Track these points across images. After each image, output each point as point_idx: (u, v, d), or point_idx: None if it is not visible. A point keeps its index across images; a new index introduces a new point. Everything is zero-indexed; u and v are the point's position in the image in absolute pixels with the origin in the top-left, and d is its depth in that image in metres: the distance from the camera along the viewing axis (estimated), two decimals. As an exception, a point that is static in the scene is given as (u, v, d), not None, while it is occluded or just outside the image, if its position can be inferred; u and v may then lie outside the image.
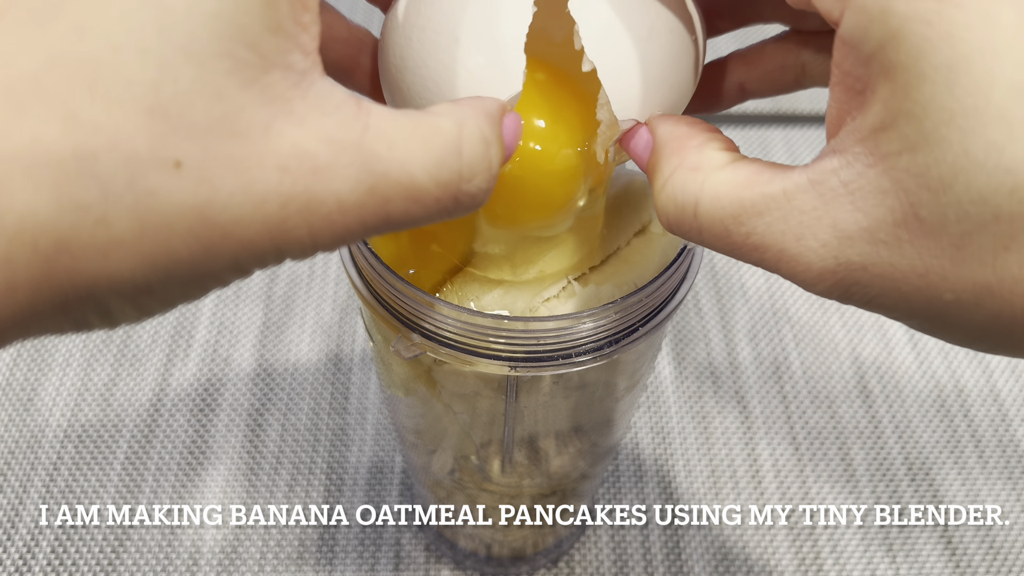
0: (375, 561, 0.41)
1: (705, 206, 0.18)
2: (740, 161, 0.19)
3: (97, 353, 0.48)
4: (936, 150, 0.15)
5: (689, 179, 0.19)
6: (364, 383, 0.47)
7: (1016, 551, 0.42)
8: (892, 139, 0.15)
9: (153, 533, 0.41)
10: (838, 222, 0.16)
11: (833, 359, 0.49)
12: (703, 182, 0.19)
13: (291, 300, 0.50)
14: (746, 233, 0.18)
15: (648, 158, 0.21)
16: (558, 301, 0.25)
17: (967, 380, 0.48)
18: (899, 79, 0.15)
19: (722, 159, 0.19)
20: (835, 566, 0.41)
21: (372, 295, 0.26)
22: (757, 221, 0.17)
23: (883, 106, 0.15)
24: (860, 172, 0.16)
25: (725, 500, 0.43)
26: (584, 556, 0.42)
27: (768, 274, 0.53)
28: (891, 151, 0.15)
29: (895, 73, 0.15)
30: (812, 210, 0.17)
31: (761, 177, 0.18)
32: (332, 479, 0.43)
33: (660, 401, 0.47)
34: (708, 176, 0.19)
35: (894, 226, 0.16)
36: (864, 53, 0.16)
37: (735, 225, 0.18)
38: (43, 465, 0.43)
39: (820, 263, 0.17)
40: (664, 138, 0.20)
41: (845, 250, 0.16)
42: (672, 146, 0.20)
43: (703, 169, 0.19)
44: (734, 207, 0.18)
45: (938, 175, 0.15)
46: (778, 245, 0.17)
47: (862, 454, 0.45)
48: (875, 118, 0.16)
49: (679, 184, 0.19)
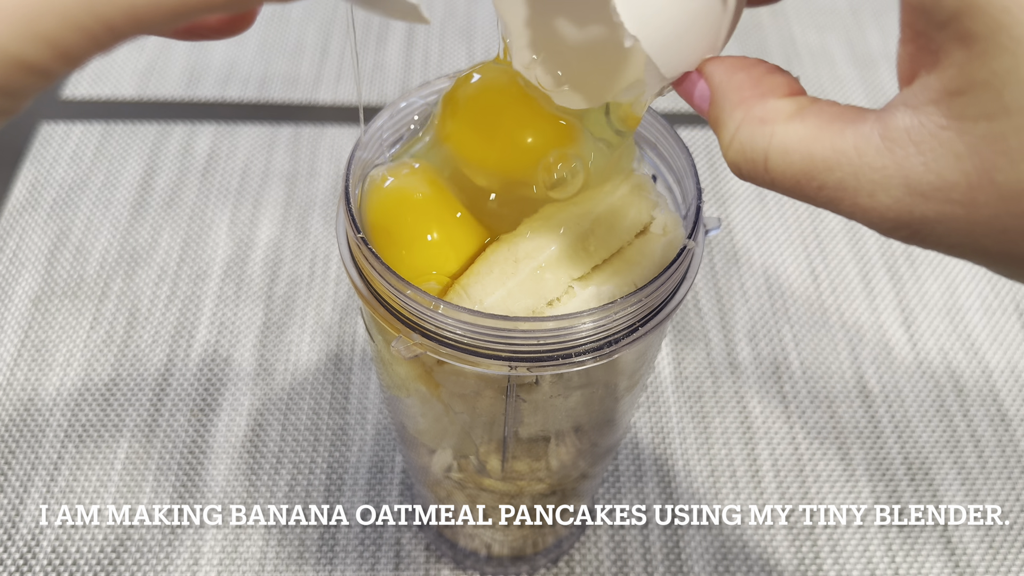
0: (375, 561, 0.41)
1: (775, 160, 0.18)
2: (807, 108, 0.18)
3: (98, 353, 0.48)
4: (1015, 119, 0.15)
5: (757, 133, 0.19)
6: (364, 383, 0.47)
7: (1016, 551, 0.42)
8: (968, 104, 0.15)
9: (153, 533, 0.41)
10: (911, 180, 0.16)
11: (832, 359, 0.49)
12: (771, 136, 0.18)
13: (291, 300, 0.50)
14: (818, 187, 0.18)
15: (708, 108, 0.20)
16: (560, 304, 0.25)
17: (966, 380, 0.48)
18: (975, 48, 0.15)
19: (788, 108, 0.18)
20: (835, 566, 0.41)
21: (373, 295, 0.26)
22: (828, 176, 0.17)
23: (959, 71, 0.15)
24: (933, 133, 0.16)
25: (725, 500, 0.43)
26: (584, 556, 0.42)
27: (767, 274, 0.53)
28: (967, 116, 0.16)
29: (972, 41, 0.15)
30: (883, 168, 0.17)
31: (831, 129, 0.18)
32: (332, 479, 0.43)
33: (660, 401, 0.47)
34: (776, 128, 0.18)
35: (969, 188, 0.16)
36: (938, 19, 0.16)
37: (806, 180, 0.18)
38: (44, 465, 0.43)
39: (894, 216, 0.17)
40: (722, 89, 0.20)
41: (919, 206, 0.17)
42: (733, 98, 0.19)
43: (770, 121, 0.18)
44: (804, 162, 0.18)
45: (1017, 144, 0.15)
46: (851, 199, 0.17)
47: (861, 454, 0.45)
48: (951, 82, 0.16)
49: (747, 139, 0.19)
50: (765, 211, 0.56)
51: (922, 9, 0.16)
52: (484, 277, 0.25)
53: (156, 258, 0.52)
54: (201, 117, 0.60)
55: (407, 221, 0.26)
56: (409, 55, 0.65)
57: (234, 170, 0.57)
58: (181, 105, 0.61)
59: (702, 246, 0.27)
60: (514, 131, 0.26)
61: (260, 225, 0.54)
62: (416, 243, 0.26)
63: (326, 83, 0.63)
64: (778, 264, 0.53)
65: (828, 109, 0.18)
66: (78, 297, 0.50)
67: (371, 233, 0.27)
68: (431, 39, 0.66)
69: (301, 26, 0.67)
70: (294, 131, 0.59)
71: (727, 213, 0.56)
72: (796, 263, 0.53)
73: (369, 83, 0.63)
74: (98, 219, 0.54)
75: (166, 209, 0.55)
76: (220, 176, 0.57)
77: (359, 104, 0.60)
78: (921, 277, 0.53)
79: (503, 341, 0.24)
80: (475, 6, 0.69)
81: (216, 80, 0.63)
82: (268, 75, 0.63)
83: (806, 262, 0.53)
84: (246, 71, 0.63)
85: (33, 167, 0.56)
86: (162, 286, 0.51)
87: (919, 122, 0.16)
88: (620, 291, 0.25)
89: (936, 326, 0.50)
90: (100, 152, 0.58)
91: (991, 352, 0.49)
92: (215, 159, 0.58)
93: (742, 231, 0.55)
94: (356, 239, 0.25)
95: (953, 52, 0.16)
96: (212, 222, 0.54)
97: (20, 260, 0.52)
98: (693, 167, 0.27)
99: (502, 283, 0.25)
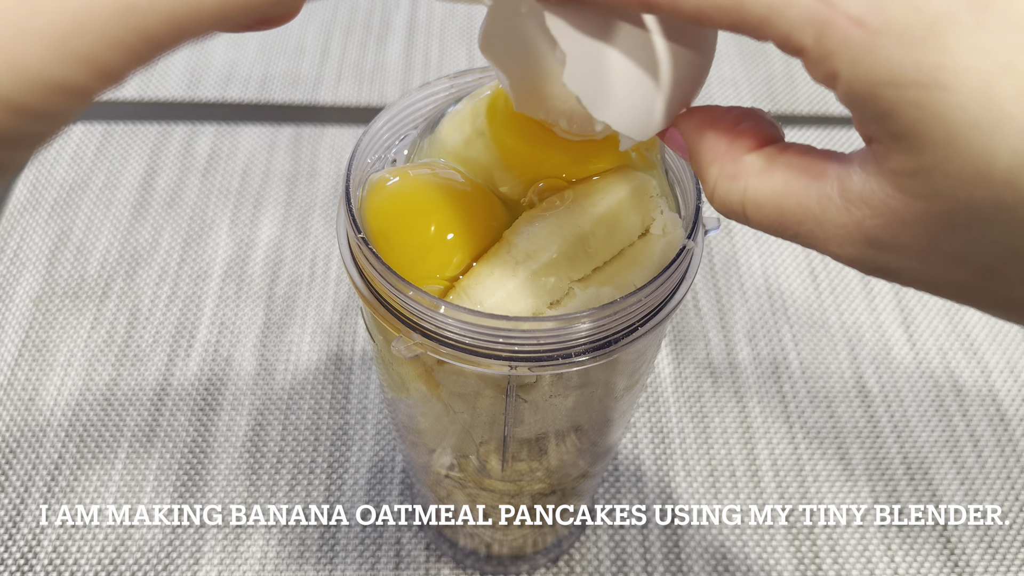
0: (375, 560, 0.41)
1: (751, 211, 0.20)
2: (775, 161, 0.20)
3: (99, 353, 0.48)
4: (948, 203, 0.16)
5: (731, 188, 0.20)
6: (365, 383, 0.47)
7: (1015, 551, 0.42)
8: (909, 184, 0.17)
9: (154, 533, 0.41)
10: (870, 237, 0.18)
11: (832, 359, 0.49)
12: (744, 191, 0.20)
13: (292, 300, 0.50)
14: (792, 235, 0.19)
15: (690, 161, 0.22)
16: (560, 305, 0.25)
17: (965, 380, 0.48)
18: (903, 143, 0.16)
19: (757, 163, 0.20)
20: (834, 566, 0.42)
21: (373, 295, 0.26)
22: (799, 228, 0.19)
23: (895, 158, 0.17)
24: (883, 200, 0.17)
25: (724, 500, 0.44)
26: (584, 555, 0.42)
27: (767, 275, 0.53)
28: (909, 192, 0.17)
29: (900, 139, 0.16)
30: (844, 225, 0.18)
31: (797, 186, 0.19)
32: (332, 479, 0.44)
33: (659, 401, 0.47)
34: (748, 183, 0.20)
35: (920, 251, 0.17)
36: (870, 115, 0.17)
37: (781, 228, 0.19)
38: (44, 465, 0.43)
39: (861, 263, 0.19)
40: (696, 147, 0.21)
41: (881, 256, 0.18)
42: (707, 155, 0.21)
43: (742, 177, 0.20)
44: (776, 215, 0.19)
45: (957, 221, 0.16)
46: (821, 246, 0.19)
47: (861, 454, 0.45)
48: (893, 163, 0.17)
49: (724, 193, 0.20)
50: (765, 212, 0.56)
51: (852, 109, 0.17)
52: (484, 279, 0.25)
53: (157, 258, 0.52)
54: (202, 117, 0.60)
55: (406, 225, 0.26)
56: (409, 56, 0.65)
57: (235, 170, 0.57)
58: (182, 105, 0.61)
59: (701, 246, 0.27)
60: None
61: (261, 225, 0.54)
62: (415, 247, 0.26)
63: (327, 83, 0.63)
64: (777, 264, 0.53)
65: (795, 162, 0.19)
66: (79, 297, 0.50)
67: (371, 236, 0.27)
68: (431, 40, 0.66)
69: (302, 27, 0.67)
70: (295, 131, 0.59)
71: (727, 213, 0.56)
72: (795, 263, 0.53)
73: (369, 83, 0.63)
74: (99, 219, 0.54)
75: (167, 209, 0.55)
76: (221, 176, 0.57)
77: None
78: (920, 277, 0.53)
79: (503, 341, 0.24)
80: (475, 7, 0.69)
81: (217, 81, 0.63)
82: (269, 76, 0.63)
83: (805, 262, 0.53)
84: (247, 72, 0.63)
85: (34, 167, 0.56)
86: (163, 286, 0.51)
87: (871, 188, 0.17)
88: (620, 292, 0.25)
89: (935, 326, 0.51)
90: (101, 152, 0.58)
91: (990, 352, 0.49)
92: (216, 159, 0.58)
93: (741, 231, 0.55)
94: (357, 239, 0.25)
95: (886, 142, 0.17)
96: (213, 222, 0.54)
97: (21, 260, 0.52)
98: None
99: (502, 285, 0.25)
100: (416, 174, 0.28)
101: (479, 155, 0.28)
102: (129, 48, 0.15)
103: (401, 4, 0.69)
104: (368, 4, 0.69)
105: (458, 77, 0.30)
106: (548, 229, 0.26)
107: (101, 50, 0.15)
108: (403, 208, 0.27)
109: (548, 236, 0.26)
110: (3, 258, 0.52)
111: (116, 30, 0.15)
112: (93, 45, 0.15)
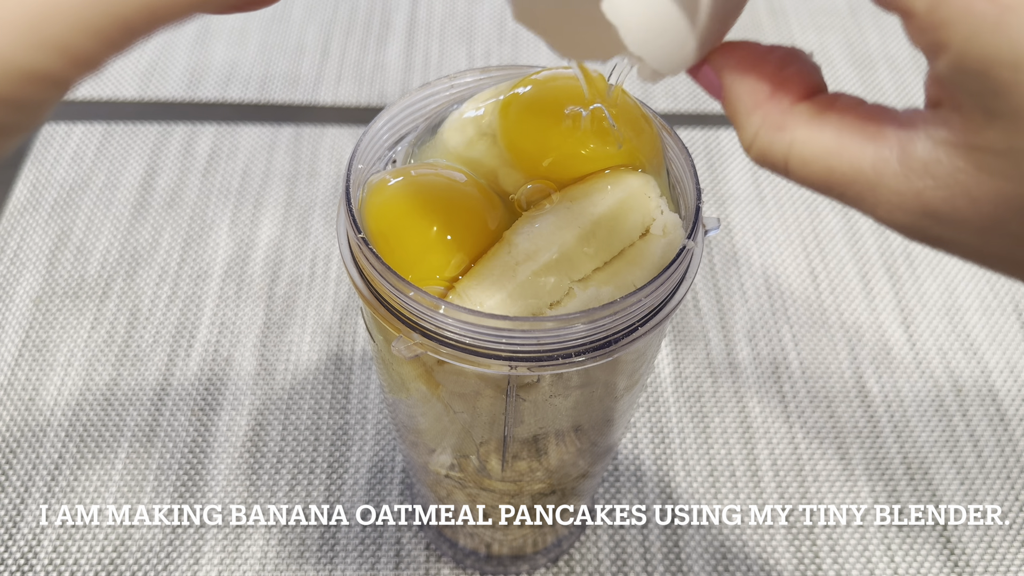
0: (375, 560, 0.41)
1: (795, 166, 0.18)
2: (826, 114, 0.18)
3: (99, 353, 0.48)
4: None
5: (775, 140, 0.19)
6: (365, 383, 0.47)
7: (1015, 551, 0.42)
8: (987, 161, 0.16)
9: (154, 533, 0.41)
10: (928, 208, 0.17)
11: (832, 359, 0.49)
12: (791, 144, 0.18)
13: (292, 300, 0.50)
14: (838, 195, 0.18)
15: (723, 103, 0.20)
16: (560, 306, 0.25)
17: (965, 380, 0.48)
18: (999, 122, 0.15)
19: (805, 115, 0.18)
20: (834, 566, 0.42)
21: (373, 295, 0.26)
22: (847, 188, 0.18)
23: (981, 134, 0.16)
24: (951, 173, 0.16)
25: (724, 500, 0.44)
26: (584, 555, 0.42)
27: (767, 275, 0.53)
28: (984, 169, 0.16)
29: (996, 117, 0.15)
30: (902, 193, 0.17)
31: (851, 144, 0.18)
32: (333, 479, 0.44)
33: (659, 401, 0.47)
34: (795, 136, 0.18)
35: (982, 228, 0.16)
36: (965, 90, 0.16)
37: (826, 188, 0.18)
38: (45, 465, 0.43)
39: (910, 231, 0.18)
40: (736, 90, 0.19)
41: (935, 227, 0.17)
42: (748, 101, 0.19)
43: (788, 128, 0.18)
44: (824, 173, 0.18)
45: None
46: (869, 210, 0.18)
47: (861, 454, 0.45)
48: (973, 136, 0.16)
49: (766, 145, 0.19)
50: (764, 211, 0.56)
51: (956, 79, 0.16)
52: (484, 280, 0.25)
53: (157, 258, 0.52)
54: (202, 118, 0.60)
55: (406, 226, 0.26)
56: (409, 56, 0.65)
57: (235, 171, 0.57)
58: (182, 106, 0.61)
59: (701, 246, 0.27)
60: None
61: (261, 225, 0.54)
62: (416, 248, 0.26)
63: (327, 84, 0.63)
64: (777, 264, 0.53)
65: (848, 118, 0.18)
66: (79, 297, 0.50)
67: (371, 237, 0.27)
68: (431, 40, 0.66)
69: (302, 27, 0.67)
70: (295, 132, 0.59)
71: (726, 213, 0.56)
72: (795, 263, 0.53)
73: (369, 83, 0.63)
74: (99, 219, 0.54)
75: (167, 209, 0.55)
76: (221, 176, 0.57)
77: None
78: (920, 277, 0.53)
79: (504, 341, 0.24)
80: (475, 7, 0.69)
81: (217, 81, 0.63)
82: (269, 76, 0.63)
83: (805, 262, 0.53)
84: (247, 72, 0.63)
85: (34, 167, 0.56)
86: (163, 286, 0.51)
87: (938, 158, 0.16)
88: (620, 292, 0.25)
89: (935, 326, 0.51)
90: (101, 153, 0.58)
91: (990, 352, 0.49)
92: (216, 159, 0.58)
93: (741, 231, 0.55)
94: (357, 240, 0.25)
95: (978, 117, 0.16)
96: (213, 222, 0.54)
97: (21, 260, 0.52)
98: (692, 167, 0.28)
99: (502, 286, 0.25)
100: (416, 174, 0.28)
101: (481, 156, 0.28)
102: (104, 35, 0.15)
103: (401, 4, 0.69)
104: (368, 4, 0.69)
105: (458, 77, 0.30)
106: (548, 229, 0.26)
107: (75, 37, 0.15)
108: (403, 209, 0.27)
109: (548, 236, 0.26)
110: (3, 258, 0.52)
111: (90, 17, 0.15)
112: (67, 32, 0.15)
